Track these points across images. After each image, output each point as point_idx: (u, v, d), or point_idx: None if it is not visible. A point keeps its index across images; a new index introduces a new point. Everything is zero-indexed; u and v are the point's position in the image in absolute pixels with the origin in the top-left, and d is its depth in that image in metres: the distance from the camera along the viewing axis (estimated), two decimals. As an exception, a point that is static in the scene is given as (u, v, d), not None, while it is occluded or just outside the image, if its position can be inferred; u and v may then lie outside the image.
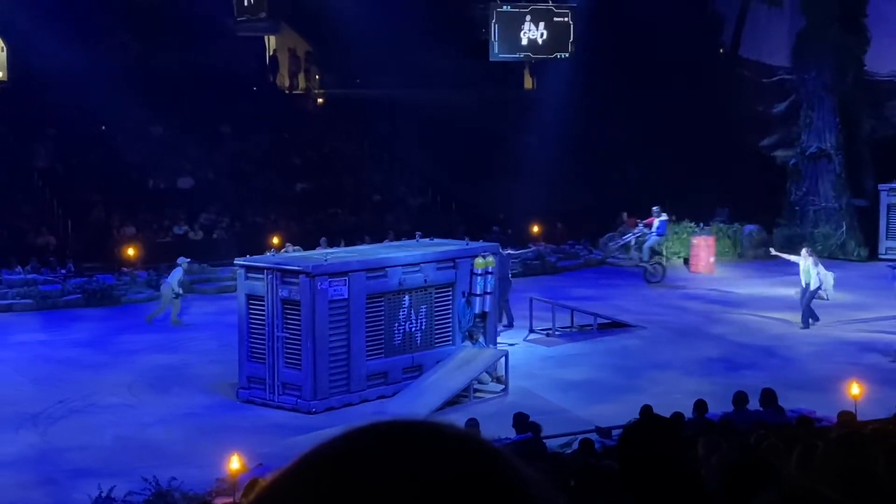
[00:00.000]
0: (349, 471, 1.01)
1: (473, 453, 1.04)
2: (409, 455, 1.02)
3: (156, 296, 25.60)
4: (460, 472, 1.02)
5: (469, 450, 1.05)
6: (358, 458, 1.02)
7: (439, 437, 1.05)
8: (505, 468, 1.04)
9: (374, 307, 17.19)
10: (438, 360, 17.71)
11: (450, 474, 1.01)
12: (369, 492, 0.99)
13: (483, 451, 1.05)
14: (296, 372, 16.61)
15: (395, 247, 20.35)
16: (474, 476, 1.02)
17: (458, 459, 1.03)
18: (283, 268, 16.82)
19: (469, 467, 1.02)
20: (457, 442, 1.05)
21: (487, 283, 18.50)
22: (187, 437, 15.41)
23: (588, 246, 31.45)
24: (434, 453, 1.03)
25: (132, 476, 12.89)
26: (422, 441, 1.04)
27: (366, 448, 1.03)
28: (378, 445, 1.03)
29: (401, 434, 1.05)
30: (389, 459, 1.01)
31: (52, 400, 17.20)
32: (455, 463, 1.02)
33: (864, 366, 18.58)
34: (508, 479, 1.04)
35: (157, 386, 18.15)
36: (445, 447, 1.04)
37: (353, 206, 32.40)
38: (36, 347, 20.86)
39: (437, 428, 1.07)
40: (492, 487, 1.02)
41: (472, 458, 1.04)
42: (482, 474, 1.02)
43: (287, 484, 1.03)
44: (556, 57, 29.80)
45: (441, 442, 1.05)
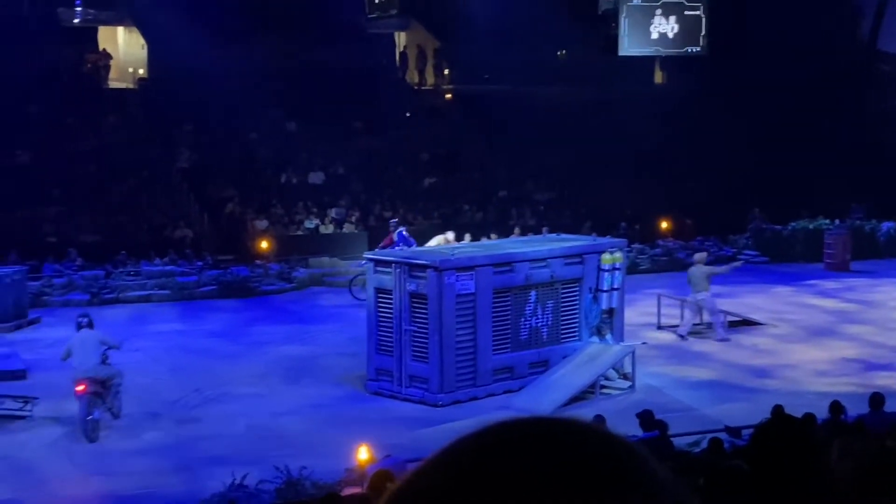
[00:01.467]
0: (488, 466, 1.03)
1: (609, 449, 1.07)
2: (547, 451, 1.04)
3: (288, 288, 26.15)
4: (597, 469, 1.04)
5: (605, 445, 1.07)
6: (496, 453, 1.04)
7: (577, 434, 1.07)
8: (639, 464, 1.06)
9: (501, 302, 17.22)
10: (565, 355, 17.67)
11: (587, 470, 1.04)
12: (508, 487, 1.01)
13: (618, 448, 1.07)
14: (423, 365, 16.75)
15: (521, 242, 20.34)
16: (610, 472, 1.04)
17: (596, 455, 1.05)
18: (410, 262, 16.98)
19: (605, 463, 1.05)
20: (595, 438, 1.07)
21: (615, 279, 18.37)
22: (317, 428, 15.67)
23: (718, 242, 30.93)
24: (572, 449, 1.05)
25: (264, 464, 13.18)
26: (560, 437, 1.07)
27: (504, 443, 1.06)
28: (517, 441, 1.05)
29: (539, 430, 1.07)
30: (528, 455, 1.03)
31: (187, 388, 17.69)
32: (593, 459, 1.05)
33: None
34: (642, 475, 1.06)
35: (288, 377, 18.51)
36: (584, 443, 1.06)
37: (479, 201, 32.50)
38: (173, 337, 21.46)
39: (574, 424, 1.09)
40: (626, 483, 1.04)
41: (608, 454, 1.06)
42: (617, 470, 1.05)
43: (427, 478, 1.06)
44: (688, 52, 29.39)
45: (579, 438, 1.07)
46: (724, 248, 30.55)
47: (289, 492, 12.54)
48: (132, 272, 25.79)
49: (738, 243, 30.71)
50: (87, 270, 25.49)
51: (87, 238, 27.76)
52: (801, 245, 29.37)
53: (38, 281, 24.60)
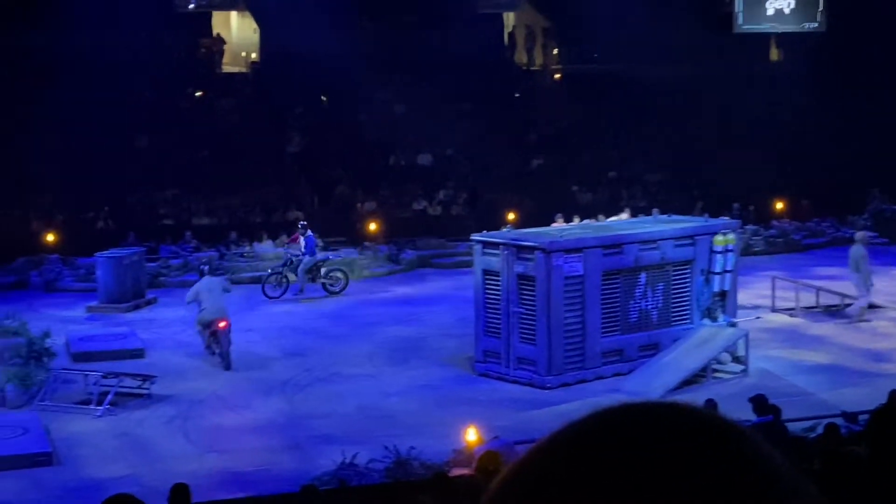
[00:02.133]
0: (597, 452, 1.02)
1: (721, 434, 1.04)
2: (657, 437, 1.02)
3: (396, 269, 26.34)
4: (708, 455, 1.01)
5: (716, 431, 1.04)
6: (605, 439, 1.03)
7: (688, 419, 1.05)
8: (752, 450, 1.03)
9: (610, 284, 17.08)
10: (675, 338, 17.45)
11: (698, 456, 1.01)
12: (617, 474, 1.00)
13: (730, 433, 1.05)
14: (531, 347, 16.73)
15: (631, 223, 20.14)
16: (721, 458, 1.02)
17: (707, 441, 1.03)
18: (518, 244, 16.94)
19: (716, 449, 1.02)
20: (705, 424, 1.05)
21: (728, 261, 18.07)
22: (425, 408, 15.78)
23: (835, 224, 30.21)
24: (682, 435, 1.03)
25: (373, 444, 13.32)
26: (670, 423, 1.04)
27: (614, 429, 1.04)
28: (626, 427, 1.04)
29: (648, 416, 1.05)
30: (637, 442, 1.02)
31: (298, 369, 17.97)
32: (703, 445, 1.02)
33: None
34: (755, 461, 1.03)
35: (397, 357, 18.66)
36: (694, 429, 1.04)
37: (589, 182, 32.26)
38: (284, 318, 21.80)
39: (685, 410, 1.07)
40: (739, 469, 1.01)
41: (720, 439, 1.03)
42: (729, 456, 1.02)
43: (536, 464, 1.05)
44: (805, 28, 28.70)
45: (690, 424, 1.05)
46: (841, 229, 29.81)
47: (397, 471, 12.66)
48: (245, 253, 26.27)
49: (856, 224, 29.91)
50: (202, 252, 26.03)
51: (201, 220, 28.35)
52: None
53: (155, 262, 25.22)
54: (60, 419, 15.37)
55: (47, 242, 25.96)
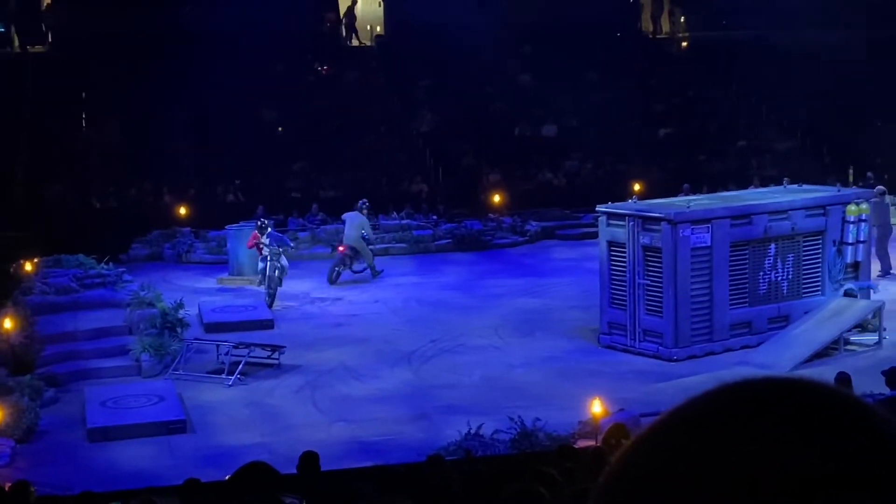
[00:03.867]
0: (721, 428, 1.02)
1: (848, 412, 1.02)
2: (782, 413, 1.01)
3: (521, 241, 26.31)
4: (834, 433, 1.00)
5: (844, 408, 1.03)
6: (730, 415, 1.03)
7: (813, 396, 1.04)
8: (881, 428, 1.02)
9: (738, 255, 16.79)
10: (806, 310, 17.09)
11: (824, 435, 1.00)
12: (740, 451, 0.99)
13: (858, 410, 1.03)
14: (657, 319, 16.56)
15: (760, 193, 19.73)
16: (849, 436, 1.00)
17: (833, 419, 1.01)
18: (644, 214, 16.76)
19: (844, 427, 1.01)
20: (831, 400, 1.03)
21: (861, 232, 17.59)
22: (550, 380, 15.78)
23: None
24: (807, 412, 1.02)
25: (499, 415, 13.38)
26: (796, 400, 1.03)
27: (739, 405, 1.04)
28: (751, 403, 1.03)
29: (774, 392, 1.05)
30: (762, 418, 1.01)
31: (424, 340, 18.13)
32: (829, 423, 1.01)
33: None
34: (885, 440, 1.01)
35: (522, 329, 18.67)
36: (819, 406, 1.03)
37: (717, 151, 31.68)
38: (410, 289, 22.00)
39: (812, 386, 1.06)
40: (867, 448, 1.00)
41: (848, 417, 1.02)
42: (857, 434, 1.00)
43: (660, 438, 1.05)
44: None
45: (815, 400, 1.03)
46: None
47: (523, 443, 12.70)
48: (371, 226, 26.56)
49: None
50: (329, 225, 26.40)
51: (328, 193, 28.74)
52: None
53: (283, 235, 25.64)
54: (193, 388, 15.82)
55: (180, 216, 26.62)
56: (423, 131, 31.65)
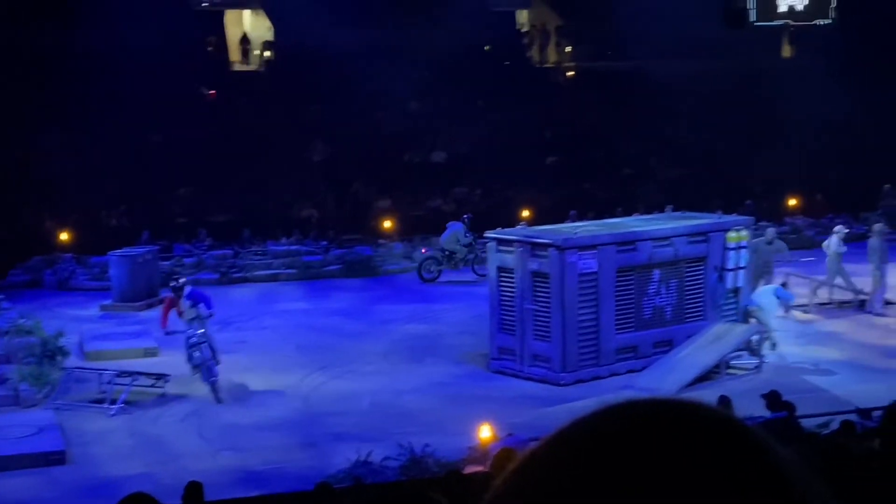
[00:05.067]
0: (603, 448, 1.02)
1: (727, 433, 1.04)
2: (665, 435, 1.02)
3: (411, 267, 26.31)
4: (717, 455, 1.01)
5: (723, 429, 1.04)
6: (613, 435, 1.03)
7: (696, 418, 1.05)
8: (761, 450, 1.03)
9: (624, 281, 17.07)
10: (689, 335, 17.43)
11: (707, 457, 1.01)
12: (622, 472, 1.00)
13: (739, 432, 1.04)
14: (545, 344, 16.72)
15: (645, 220, 20.12)
16: (730, 457, 1.01)
17: (715, 441, 1.02)
18: (533, 241, 16.94)
19: (726, 449, 1.02)
20: (714, 423, 1.05)
21: (741, 258, 18.04)
22: (440, 406, 15.78)
23: (849, 220, 30.08)
24: (691, 434, 1.03)
25: (388, 442, 13.33)
26: (678, 421, 1.04)
27: (621, 426, 1.04)
28: (634, 424, 1.04)
29: (657, 413, 1.05)
30: (645, 438, 1.02)
31: (313, 366, 17.98)
32: (711, 445, 1.02)
33: None
34: (765, 461, 1.02)
35: (411, 355, 18.66)
36: (702, 428, 1.04)
37: (603, 179, 32.20)
38: (299, 316, 21.81)
39: (693, 408, 1.07)
40: (748, 469, 1.01)
41: (730, 440, 1.03)
42: (738, 456, 1.02)
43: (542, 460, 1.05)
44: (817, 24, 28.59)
45: (698, 423, 1.04)
46: (854, 225, 29.68)
47: (412, 469, 12.66)
48: (259, 252, 26.32)
49: (869, 221, 29.77)
50: (216, 250, 26.07)
51: (215, 218, 28.39)
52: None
53: (168, 261, 25.26)
54: (74, 418, 15.42)
55: (61, 241, 26.02)
56: (317, 161, 31.53)
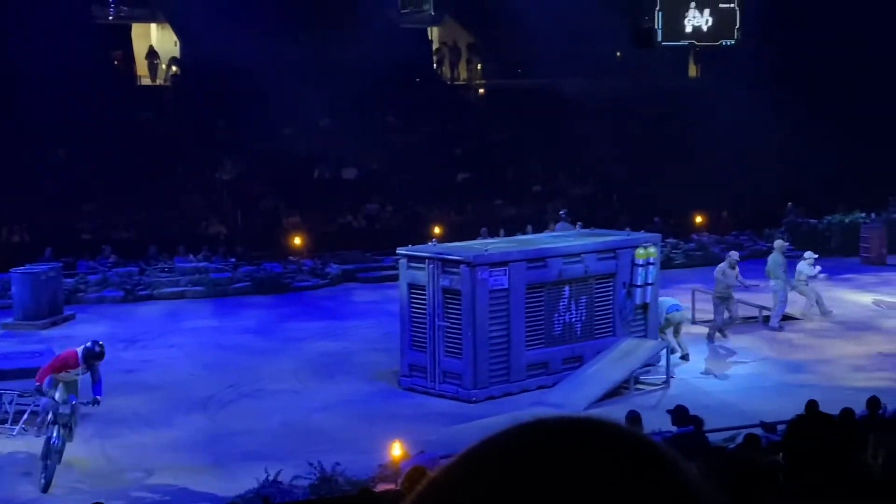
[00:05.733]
0: (513, 466, 1.02)
1: (636, 452, 1.04)
2: (572, 452, 1.02)
3: (321, 284, 26.16)
4: (623, 472, 1.01)
5: (632, 448, 1.04)
6: (522, 454, 1.03)
7: (602, 435, 1.05)
8: (667, 466, 1.03)
9: (534, 297, 17.18)
10: (599, 350, 17.60)
11: (612, 473, 1.01)
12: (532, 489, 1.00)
13: (646, 450, 1.04)
14: (456, 361, 16.74)
15: (555, 237, 20.28)
16: (636, 475, 1.01)
17: (621, 458, 1.02)
18: (444, 257, 16.97)
19: (631, 466, 1.02)
20: (620, 440, 1.05)
21: (649, 274, 18.28)
22: (351, 424, 15.70)
23: (753, 237, 30.72)
24: (597, 451, 1.03)
25: (298, 461, 13.20)
26: (585, 438, 1.04)
27: (529, 444, 1.04)
28: (541, 442, 1.04)
29: (564, 430, 1.05)
30: (553, 457, 1.02)
31: (221, 385, 17.75)
32: (617, 462, 1.02)
33: None
34: (670, 478, 1.03)
35: (322, 373, 18.55)
36: (608, 445, 1.04)
37: (514, 196, 32.44)
38: (207, 333, 21.55)
39: (600, 425, 1.07)
40: (653, 486, 1.01)
41: (635, 456, 1.03)
42: (644, 473, 1.02)
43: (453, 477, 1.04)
44: (722, 44, 29.20)
45: (604, 440, 1.04)
46: (759, 242, 30.33)
47: (322, 488, 12.56)
48: (166, 269, 25.95)
49: (773, 237, 30.45)
50: (121, 267, 25.65)
51: (121, 235, 27.94)
52: (837, 239, 29.09)
53: (72, 278, 24.78)
54: (-25, 439, 15.00)
55: (-39, 258, 25.35)
56: (226, 179, 31.24)
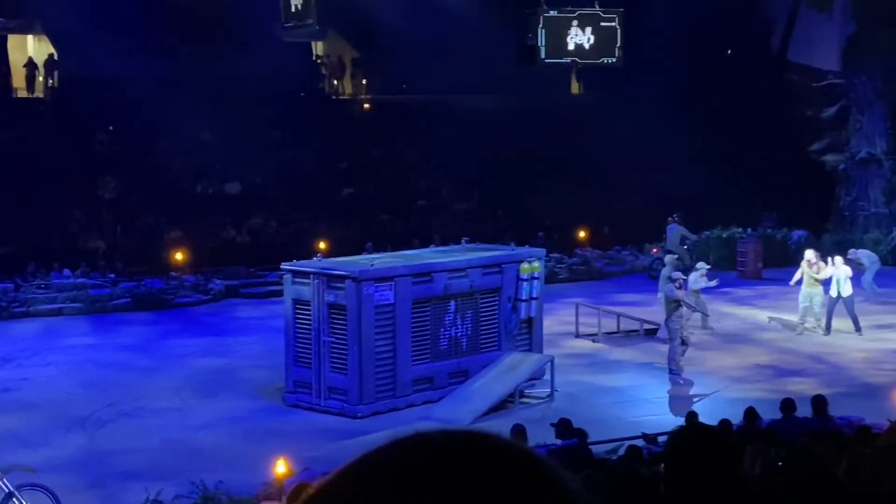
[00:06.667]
0: (393, 481, 1.01)
1: (518, 465, 1.04)
2: (452, 466, 1.02)
3: (204, 300, 25.77)
4: (504, 485, 1.01)
5: (514, 461, 1.04)
6: (402, 469, 1.02)
7: (484, 448, 1.05)
8: (549, 480, 1.04)
9: (420, 312, 17.21)
10: (484, 365, 17.69)
11: (493, 487, 1.01)
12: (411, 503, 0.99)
13: (528, 463, 1.05)
14: (342, 377, 16.66)
15: (440, 252, 20.36)
16: (518, 488, 1.02)
17: (504, 472, 1.03)
18: (329, 273, 16.89)
19: (513, 479, 1.02)
20: (502, 453, 1.05)
21: (533, 289, 18.46)
22: (234, 441, 15.50)
23: (634, 252, 31.29)
24: (479, 464, 1.03)
25: (180, 479, 12.98)
26: (466, 452, 1.04)
27: (409, 459, 1.03)
28: (422, 456, 1.03)
29: (445, 444, 1.05)
30: (433, 471, 1.01)
31: (100, 403, 17.37)
32: (499, 475, 1.02)
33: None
34: (552, 491, 1.03)
35: (205, 390, 18.28)
36: (490, 459, 1.04)
37: (399, 211, 32.48)
38: (85, 351, 21.07)
39: (482, 438, 1.07)
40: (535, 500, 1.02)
41: (517, 470, 1.03)
42: (526, 487, 1.02)
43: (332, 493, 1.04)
44: (604, 62, 29.70)
45: (486, 453, 1.04)
46: (640, 256, 30.92)
47: (205, 507, 12.37)
48: (42, 285, 25.29)
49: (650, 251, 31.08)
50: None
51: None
52: (715, 253, 29.81)
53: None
54: None
55: None
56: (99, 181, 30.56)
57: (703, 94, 33.46)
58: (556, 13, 28.69)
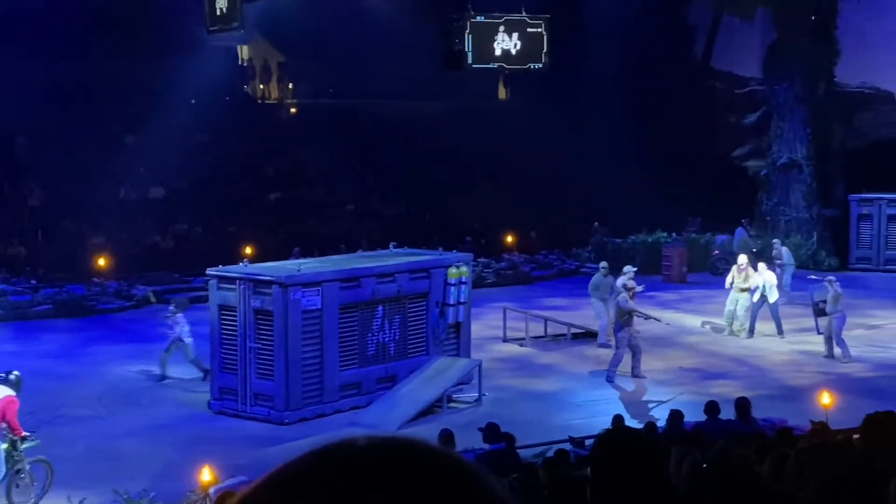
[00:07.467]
0: (317, 490, 1.00)
1: (444, 471, 1.03)
2: (378, 473, 1.01)
3: (128, 306, 25.41)
4: (430, 492, 1.00)
5: (440, 467, 1.03)
6: (325, 477, 1.01)
7: (410, 455, 1.04)
8: (476, 486, 1.03)
9: (348, 317, 17.15)
10: (412, 370, 17.68)
11: (419, 494, 1.00)
12: None
13: (455, 469, 1.04)
14: (268, 383, 16.54)
15: (368, 257, 20.31)
16: (444, 495, 1.01)
17: (430, 478, 1.02)
18: (255, 278, 16.76)
19: (440, 486, 1.01)
20: (427, 460, 1.04)
21: (461, 293, 18.50)
22: (158, 449, 15.30)
23: (561, 256, 31.51)
24: (404, 471, 1.02)
25: (103, 488, 12.79)
26: (391, 459, 1.03)
27: (334, 467, 1.02)
28: (346, 464, 1.02)
29: (370, 452, 1.04)
30: (358, 478, 1.00)
31: (21, 412, 17.01)
32: (426, 482, 1.01)
33: (835, 375, 18.70)
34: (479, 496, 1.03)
35: (128, 397, 18.04)
36: (416, 465, 1.03)
37: (326, 215, 32.35)
38: (5, 359, 20.59)
39: (407, 444, 1.06)
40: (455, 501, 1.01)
41: (444, 476, 1.02)
42: (452, 493, 1.01)
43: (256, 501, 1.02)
44: (530, 68, 29.86)
45: (411, 460, 1.03)
46: (567, 261, 31.14)
47: (129, 515, 12.19)
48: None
49: (580, 256, 31.35)
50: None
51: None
52: (641, 257, 30.10)
53: None
54: None
55: None
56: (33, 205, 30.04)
57: (628, 101, 33.81)
58: (483, 19, 28.79)
